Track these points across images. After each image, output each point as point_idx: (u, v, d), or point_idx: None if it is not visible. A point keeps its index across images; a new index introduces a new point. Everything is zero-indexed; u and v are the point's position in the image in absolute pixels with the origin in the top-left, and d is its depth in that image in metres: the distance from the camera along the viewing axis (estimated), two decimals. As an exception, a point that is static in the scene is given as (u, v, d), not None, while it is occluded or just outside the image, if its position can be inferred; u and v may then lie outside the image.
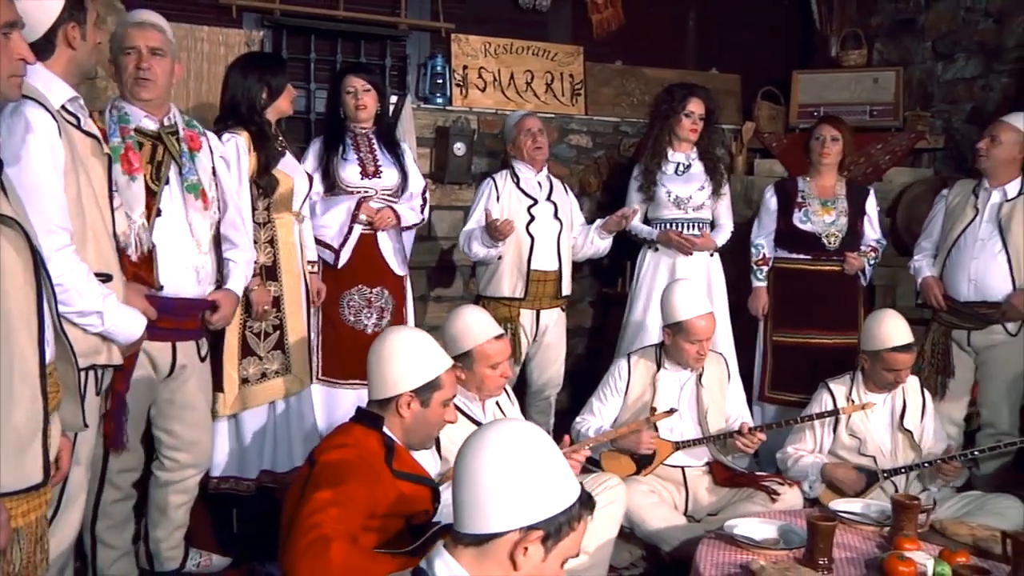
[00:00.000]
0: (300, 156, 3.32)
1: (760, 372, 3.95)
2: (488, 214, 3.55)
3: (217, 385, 2.83)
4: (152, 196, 2.42)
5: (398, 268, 3.50)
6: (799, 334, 3.81)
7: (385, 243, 3.45)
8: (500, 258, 3.65)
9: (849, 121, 4.84)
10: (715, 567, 2.18)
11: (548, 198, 3.75)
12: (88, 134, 2.08)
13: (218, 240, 2.60)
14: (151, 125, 2.49)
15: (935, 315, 3.63)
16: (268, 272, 2.98)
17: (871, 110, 4.99)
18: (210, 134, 2.68)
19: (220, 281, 2.61)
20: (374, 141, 3.43)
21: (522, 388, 3.97)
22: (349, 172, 3.36)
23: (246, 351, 2.95)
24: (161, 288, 2.40)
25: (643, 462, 3.01)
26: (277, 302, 3.01)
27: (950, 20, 4.84)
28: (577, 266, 4.84)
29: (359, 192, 3.37)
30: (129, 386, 2.34)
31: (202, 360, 2.62)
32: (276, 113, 3.04)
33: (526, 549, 1.27)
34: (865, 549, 2.34)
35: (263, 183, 2.94)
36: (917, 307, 3.85)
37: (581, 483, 1.33)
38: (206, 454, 2.70)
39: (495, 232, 3.49)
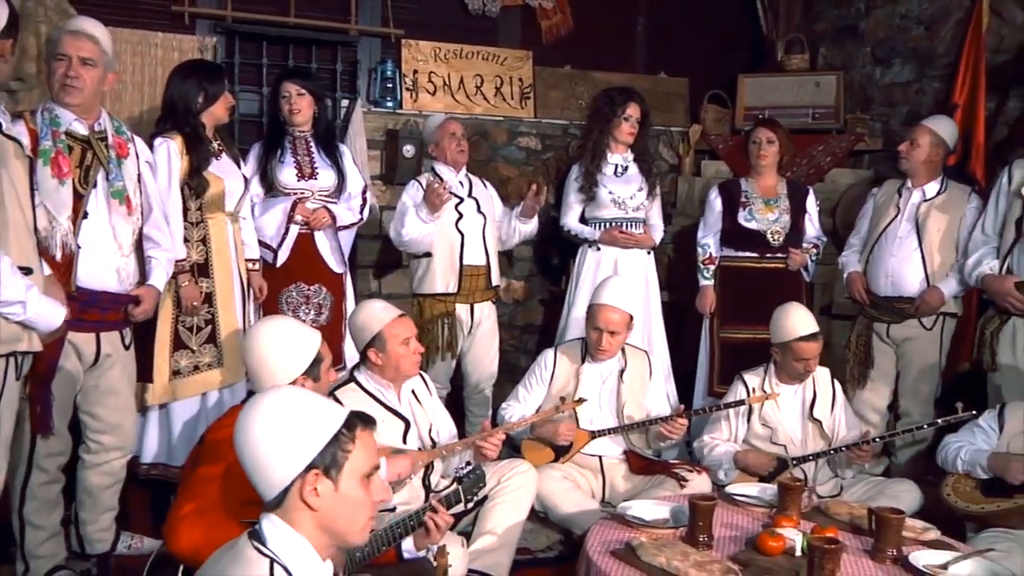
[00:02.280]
0: (240, 158, 3.46)
1: (708, 367, 4.09)
2: (429, 184, 3.63)
3: (147, 376, 2.98)
4: (79, 199, 2.56)
5: (336, 266, 3.65)
6: (746, 330, 3.91)
7: (322, 242, 3.60)
8: (430, 255, 3.76)
9: (792, 123, 5.05)
10: (602, 544, 2.32)
11: (470, 195, 3.89)
12: (9, 137, 2.22)
13: (140, 242, 2.74)
14: (81, 130, 2.62)
15: (861, 309, 3.79)
16: (200, 269, 3.14)
17: (813, 112, 5.14)
18: (138, 140, 2.84)
19: (143, 278, 2.75)
20: (312, 144, 3.58)
21: (458, 383, 4.12)
22: (286, 174, 3.51)
23: (178, 344, 3.11)
24: (76, 291, 2.53)
25: (561, 450, 3.16)
26: (209, 298, 3.17)
27: (887, 27, 5.01)
28: (526, 266, 5.03)
29: (296, 194, 3.52)
30: (54, 374, 2.49)
31: (126, 348, 2.77)
32: (212, 119, 3.18)
33: (315, 489, 1.39)
34: (751, 528, 2.48)
35: (194, 184, 3.09)
36: (845, 301, 4.00)
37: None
38: (130, 437, 2.84)
39: (435, 197, 3.56)
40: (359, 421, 1.45)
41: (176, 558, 1.84)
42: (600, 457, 3.20)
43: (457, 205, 3.84)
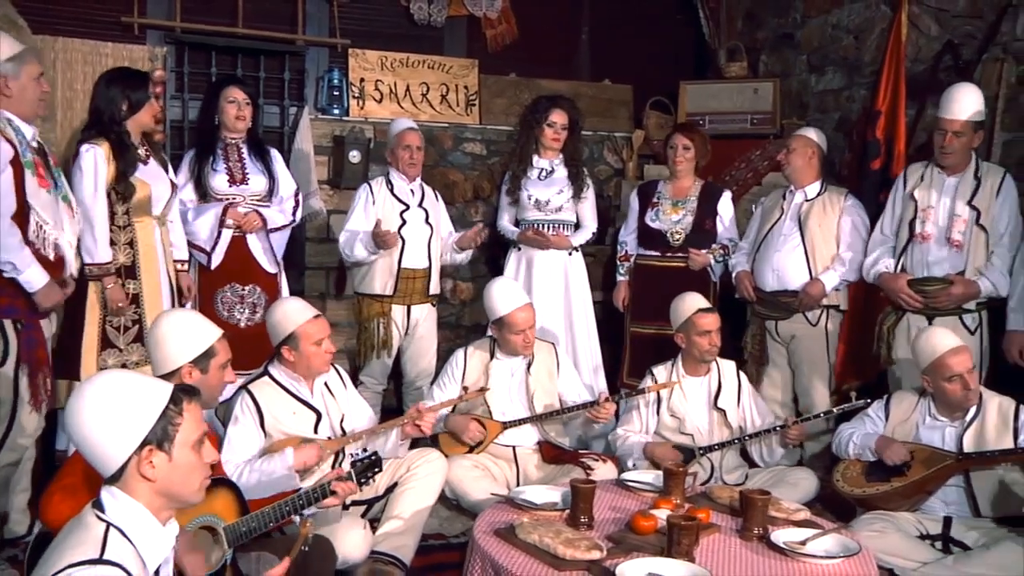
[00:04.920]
0: (168, 163, 3.61)
1: (623, 360, 4.27)
2: (379, 224, 3.83)
3: (75, 374, 3.15)
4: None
5: (269, 266, 3.82)
6: (652, 325, 4.10)
7: (255, 244, 3.78)
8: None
9: (731, 129, 5.24)
10: (488, 524, 2.47)
11: (420, 204, 4.04)
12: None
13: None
14: (34, 142, 2.86)
15: (751, 308, 3.97)
16: (127, 271, 3.30)
17: (752, 118, 5.31)
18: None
19: None
20: (243, 150, 3.75)
21: (398, 379, 4.29)
22: (218, 181, 3.70)
23: (106, 343, 3.26)
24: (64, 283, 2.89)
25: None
26: (136, 299, 3.33)
27: (820, 36, 5.18)
28: (474, 266, 5.18)
29: (228, 199, 3.69)
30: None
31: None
32: (137, 125, 3.33)
33: (150, 462, 1.53)
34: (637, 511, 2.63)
35: (121, 189, 3.25)
36: (735, 300, 4.17)
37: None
38: (41, 413, 2.97)
39: (381, 241, 3.78)
40: (184, 394, 1.60)
41: (50, 533, 1.98)
42: (514, 447, 3.36)
43: (402, 212, 3.99)
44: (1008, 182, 3.39)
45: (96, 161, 3.14)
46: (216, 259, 3.62)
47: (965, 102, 3.34)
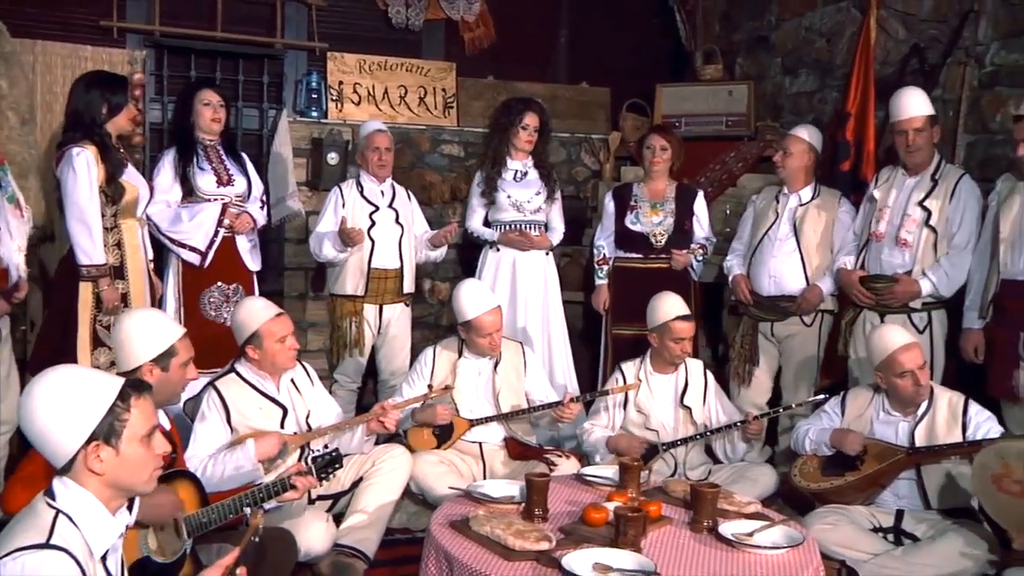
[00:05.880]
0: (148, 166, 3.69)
1: (603, 362, 4.33)
2: (344, 221, 3.91)
3: None
4: None
5: (252, 265, 3.89)
6: (634, 327, 4.12)
7: (242, 243, 3.84)
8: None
9: (707, 131, 5.30)
10: (444, 517, 2.52)
11: (390, 205, 4.11)
12: None
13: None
14: None
15: (744, 309, 4.01)
16: (116, 272, 3.36)
17: (727, 120, 5.37)
18: None
19: None
20: (221, 151, 3.81)
21: (377, 378, 4.35)
22: (206, 181, 3.73)
23: (97, 343, 3.32)
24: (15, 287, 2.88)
25: (443, 438, 3.38)
26: (124, 298, 3.39)
27: (794, 38, 5.25)
28: (450, 266, 5.25)
29: (216, 199, 3.73)
30: None
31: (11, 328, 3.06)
32: (116, 129, 3.39)
33: (97, 456, 1.59)
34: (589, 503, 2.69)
35: (111, 191, 3.30)
36: (731, 302, 4.22)
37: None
38: (12, 413, 3.01)
39: (346, 238, 3.85)
40: (133, 390, 1.64)
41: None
42: (480, 444, 3.42)
43: (372, 213, 4.06)
44: (965, 184, 3.44)
45: (88, 163, 3.19)
46: (209, 259, 3.68)
47: (916, 101, 3.46)
